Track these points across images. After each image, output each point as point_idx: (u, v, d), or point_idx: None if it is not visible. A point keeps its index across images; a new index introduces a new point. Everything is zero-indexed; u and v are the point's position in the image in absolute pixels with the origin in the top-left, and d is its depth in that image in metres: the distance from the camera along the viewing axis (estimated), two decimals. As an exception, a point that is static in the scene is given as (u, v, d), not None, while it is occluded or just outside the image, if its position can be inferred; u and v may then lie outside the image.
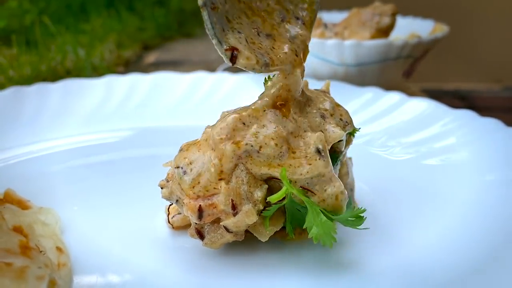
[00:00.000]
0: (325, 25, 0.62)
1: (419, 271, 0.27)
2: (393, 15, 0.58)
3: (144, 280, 0.27)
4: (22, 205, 0.32)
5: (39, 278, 0.23)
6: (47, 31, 0.87)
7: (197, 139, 0.29)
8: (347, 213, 0.27)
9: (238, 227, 0.27)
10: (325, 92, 0.31)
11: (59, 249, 0.29)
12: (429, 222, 0.32)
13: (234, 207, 0.26)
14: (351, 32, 0.59)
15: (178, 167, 0.27)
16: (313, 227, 0.26)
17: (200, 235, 0.28)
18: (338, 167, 0.30)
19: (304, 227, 0.26)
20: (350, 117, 0.30)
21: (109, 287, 0.27)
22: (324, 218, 0.26)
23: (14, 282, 0.22)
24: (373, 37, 0.58)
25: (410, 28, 0.66)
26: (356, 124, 0.31)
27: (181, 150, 0.29)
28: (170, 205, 0.31)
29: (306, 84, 0.30)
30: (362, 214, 0.27)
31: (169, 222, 0.31)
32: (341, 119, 0.29)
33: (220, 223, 0.27)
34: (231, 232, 0.27)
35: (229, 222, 0.26)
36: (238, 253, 0.29)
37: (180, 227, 0.31)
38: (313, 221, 0.26)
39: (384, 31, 0.58)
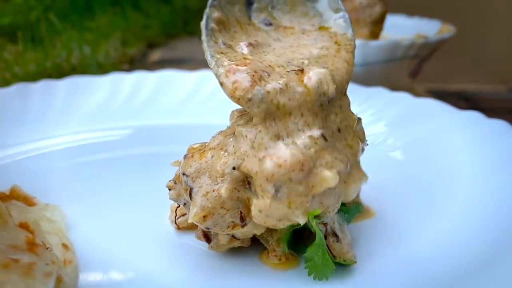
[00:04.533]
0: None
1: (421, 271, 0.27)
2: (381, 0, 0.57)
3: (149, 278, 0.27)
4: (28, 201, 0.32)
5: (46, 275, 0.23)
6: (52, 28, 0.87)
7: (204, 144, 0.28)
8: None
9: (246, 236, 0.27)
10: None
11: (65, 246, 0.29)
12: (433, 223, 0.31)
13: (242, 219, 0.25)
14: None
15: (184, 174, 0.27)
16: (313, 259, 0.25)
17: (207, 238, 0.28)
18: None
19: (304, 255, 0.26)
20: (364, 134, 0.29)
21: (115, 285, 0.27)
22: (328, 257, 0.25)
23: (22, 278, 0.22)
24: (372, 31, 0.57)
25: (417, 29, 0.65)
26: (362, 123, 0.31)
27: (186, 156, 0.28)
28: (178, 206, 0.31)
29: None
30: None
31: (175, 223, 0.31)
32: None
33: (228, 232, 0.26)
34: (238, 239, 0.27)
35: (237, 231, 0.26)
36: (243, 254, 0.29)
37: (186, 228, 0.31)
38: (315, 254, 0.25)
39: (380, 20, 0.57)
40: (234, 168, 0.25)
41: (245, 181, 0.25)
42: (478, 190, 0.34)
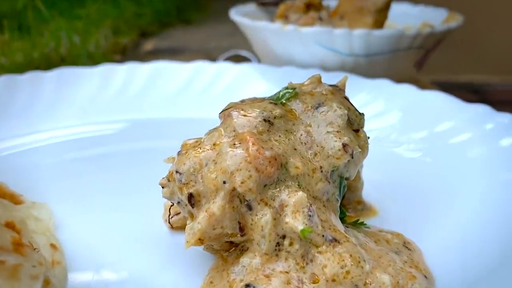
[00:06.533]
0: (320, 19, 0.59)
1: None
2: None
3: (141, 279, 0.26)
4: (15, 199, 0.31)
5: (33, 277, 0.22)
6: (40, 16, 0.85)
7: (199, 139, 0.27)
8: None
9: (243, 242, 0.26)
10: (341, 90, 0.28)
11: (53, 246, 0.28)
12: (438, 222, 0.31)
13: (241, 229, 0.25)
14: (351, 21, 0.57)
15: (177, 172, 0.26)
16: None
17: (202, 240, 0.27)
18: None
19: None
20: (367, 138, 0.28)
21: (105, 286, 0.26)
22: None
23: (7, 281, 0.21)
24: (376, 20, 0.55)
25: (422, 17, 0.63)
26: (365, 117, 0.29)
27: (180, 153, 0.27)
28: (172, 205, 0.30)
29: (319, 79, 0.28)
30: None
31: (169, 222, 0.30)
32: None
33: (226, 240, 0.26)
34: (234, 243, 0.26)
35: (236, 239, 0.25)
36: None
37: (179, 227, 0.30)
38: None
39: (384, 8, 0.55)
40: (224, 182, 0.24)
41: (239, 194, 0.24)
42: (486, 188, 0.33)
